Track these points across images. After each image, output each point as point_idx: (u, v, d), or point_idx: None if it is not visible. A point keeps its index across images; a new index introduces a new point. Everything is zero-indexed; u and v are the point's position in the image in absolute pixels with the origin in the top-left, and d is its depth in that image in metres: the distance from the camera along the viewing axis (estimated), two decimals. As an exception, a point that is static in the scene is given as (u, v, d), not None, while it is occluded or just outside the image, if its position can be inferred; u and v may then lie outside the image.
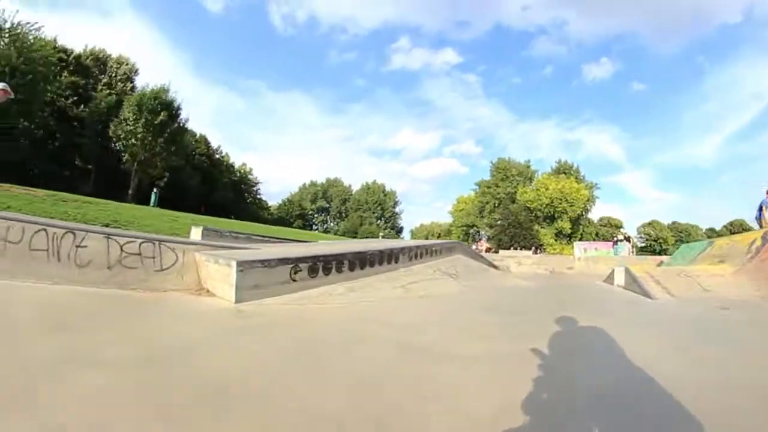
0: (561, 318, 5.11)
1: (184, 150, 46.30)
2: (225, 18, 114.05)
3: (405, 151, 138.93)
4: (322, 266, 6.14)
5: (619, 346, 3.89)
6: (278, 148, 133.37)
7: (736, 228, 79.06)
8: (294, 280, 5.67)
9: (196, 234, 9.98)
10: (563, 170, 70.24)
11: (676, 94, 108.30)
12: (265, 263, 5.37)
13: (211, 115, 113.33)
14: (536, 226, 61.85)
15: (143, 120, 38.27)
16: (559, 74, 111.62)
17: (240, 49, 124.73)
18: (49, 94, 34.14)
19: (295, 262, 5.75)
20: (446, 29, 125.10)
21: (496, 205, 68.54)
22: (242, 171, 75.70)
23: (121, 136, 38.94)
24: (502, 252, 35.68)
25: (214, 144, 66.83)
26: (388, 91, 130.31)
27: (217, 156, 67.23)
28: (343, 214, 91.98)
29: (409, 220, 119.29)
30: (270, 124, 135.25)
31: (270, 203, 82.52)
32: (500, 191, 70.07)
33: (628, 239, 31.82)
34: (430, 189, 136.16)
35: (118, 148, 40.18)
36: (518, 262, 25.75)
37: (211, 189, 58.28)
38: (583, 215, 66.03)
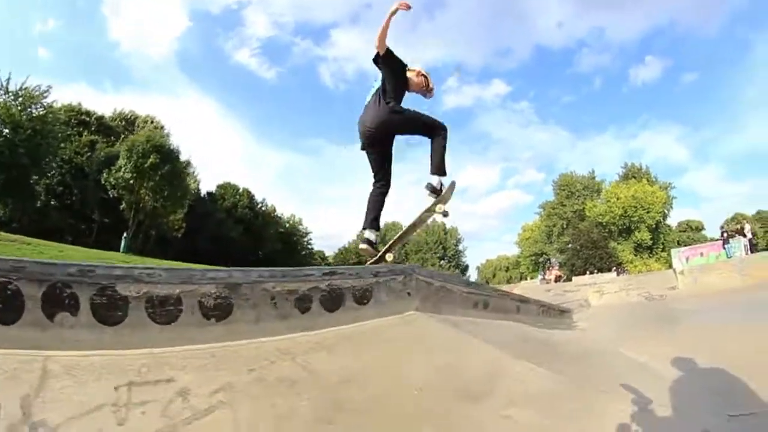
0: None
1: (185, 193, 46.00)
2: (279, 84, 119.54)
3: (469, 190, 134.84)
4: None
5: None
6: (346, 199, 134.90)
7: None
8: None
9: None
10: (632, 174, 63.44)
11: (732, 76, 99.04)
12: None
13: (275, 176, 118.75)
14: (612, 243, 55.45)
15: (132, 164, 38.60)
16: (607, 83, 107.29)
17: (297, 110, 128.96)
18: (66, 151, 38.86)
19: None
20: (490, 61, 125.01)
21: (565, 226, 62.67)
22: (291, 222, 75.05)
23: (113, 183, 39.53)
24: (576, 279, 31.08)
25: (258, 197, 67.25)
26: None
27: (262, 207, 67.34)
28: (405, 258, 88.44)
29: (478, 257, 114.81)
30: (334, 177, 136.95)
31: (327, 254, 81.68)
32: (567, 210, 64.20)
33: (742, 232, 25.60)
34: (497, 224, 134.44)
35: (112, 195, 40.97)
36: (599, 290, 20.99)
37: (255, 240, 58.47)
38: (661, 222, 58.85)
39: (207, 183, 64.46)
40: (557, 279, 31.46)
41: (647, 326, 9.05)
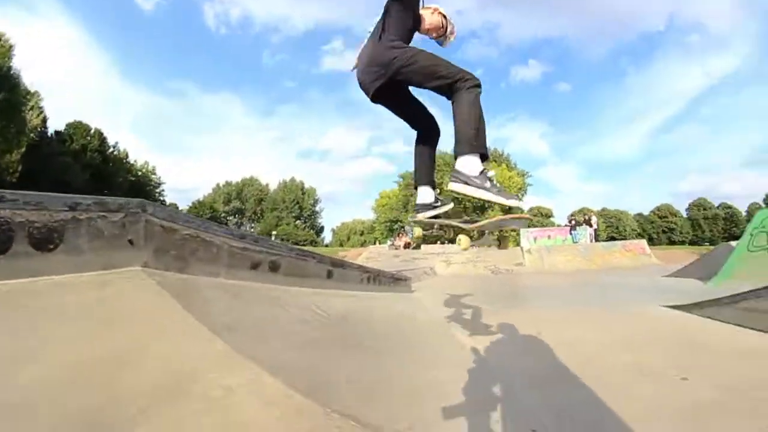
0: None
1: (22, 129, 38.35)
2: (156, 17, 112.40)
3: (334, 152, 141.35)
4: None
5: None
6: (207, 150, 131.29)
7: (663, 212, 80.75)
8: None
9: None
10: (494, 158, 66.39)
11: (600, 93, 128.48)
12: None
13: (134, 118, 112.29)
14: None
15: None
16: (489, 76, 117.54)
17: (170, 49, 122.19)
18: None
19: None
20: None
21: (422, 197, 63.44)
22: (144, 170, 66.67)
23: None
24: (425, 248, 30.37)
25: (111, 140, 60.36)
26: (319, 93, 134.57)
27: (114, 152, 60.21)
28: (259, 215, 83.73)
29: (335, 220, 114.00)
30: (199, 126, 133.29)
31: (181, 207, 75.92)
32: (426, 182, 64.93)
33: (589, 222, 26.73)
34: (358, 189, 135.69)
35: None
36: (447, 260, 19.95)
37: (102, 188, 50.99)
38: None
39: (55, 120, 57.54)
40: (407, 246, 30.35)
41: (489, 301, 7.83)
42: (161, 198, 69.34)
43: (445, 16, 3.29)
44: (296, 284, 3.89)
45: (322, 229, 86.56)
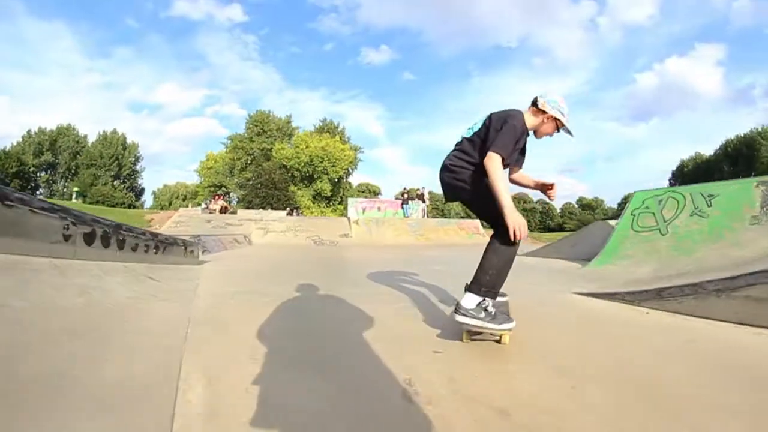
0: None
1: None
2: None
3: (165, 108, 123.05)
4: None
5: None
6: (20, 88, 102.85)
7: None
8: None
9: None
10: (327, 129, 64.27)
11: (442, 88, 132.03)
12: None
13: None
14: (293, 187, 54.59)
15: None
16: (338, 52, 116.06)
17: None
18: None
19: None
20: None
21: (249, 162, 58.83)
22: None
23: None
24: (241, 212, 26.87)
25: None
26: (161, 39, 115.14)
27: None
28: (74, 171, 69.49)
29: (157, 182, 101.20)
30: (22, 59, 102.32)
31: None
32: (254, 147, 60.00)
33: (422, 197, 25.80)
34: (187, 150, 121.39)
35: None
36: (264, 227, 17.18)
37: None
38: (344, 178, 61.63)
39: None
40: (223, 210, 26.53)
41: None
42: None
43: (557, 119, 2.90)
44: None
45: (142, 191, 75.55)
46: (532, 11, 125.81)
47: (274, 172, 51.31)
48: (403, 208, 23.64)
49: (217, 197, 30.11)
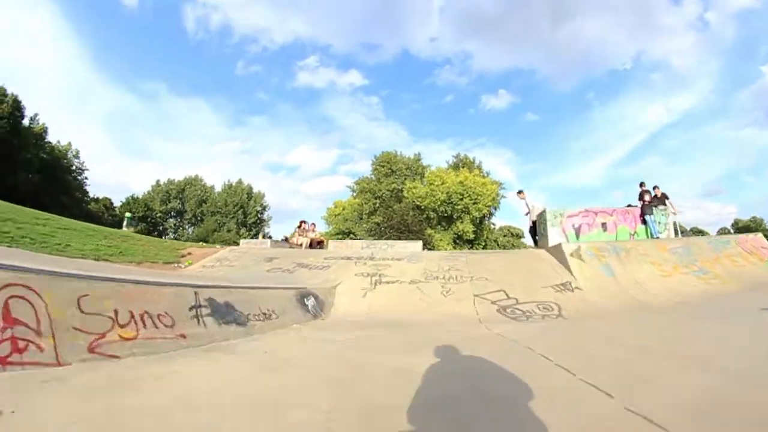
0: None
1: None
2: (137, 14, 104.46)
3: (301, 168, 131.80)
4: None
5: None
6: (174, 156, 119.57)
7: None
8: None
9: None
10: (463, 164, 55.11)
11: (566, 125, 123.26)
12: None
13: (104, 113, 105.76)
14: (429, 230, 45.43)
15: None
16: (458, 102, 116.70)
17: (147, 48, 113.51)
18: None
19: None
20: (355, 51, 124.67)
21: (378, 205, 51.41)
22: (59, 150, 54.35)
23: None
24: (336, 244, 18.50)
25: (30, 110, 48.01)
26: (290, 108, 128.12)
27: (31, 126, 48.11)
28: (199, 218, 70.98)
29: (286, 232, 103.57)
30: (167, 130, 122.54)
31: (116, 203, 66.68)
32: (383, 188, 52.80)
33: (663, 200, 14.14)
34: (318, 204, 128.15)
35: None
36: (373, 272, 7.97)
37: (5, 166, 40.16)
38: (486, 218, 51.03)
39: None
40: (317, 244, 17.16)
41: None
42: (83, 184, 57.84)
43: None
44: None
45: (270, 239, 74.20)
46: (636, 26, 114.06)
47: (406, 214, 43.07)
48: (645, 220, 12.58)
49: (305, 228, 18.55)
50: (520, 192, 14.51)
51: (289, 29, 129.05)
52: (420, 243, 19.76)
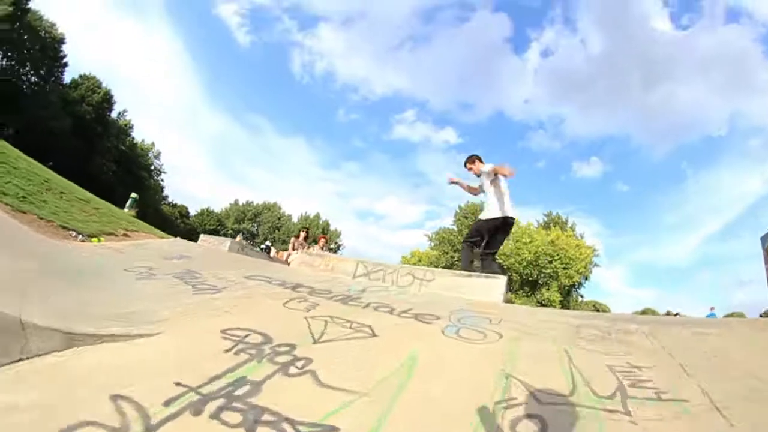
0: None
1: None
2: (250, 53, 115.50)
3: (387, 218, 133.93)
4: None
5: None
6: (270, 189, 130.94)
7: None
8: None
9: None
10: (555, 223, 49.15)
11: (658, 197, 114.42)
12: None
13: (210, 139, 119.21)
14: (509, 295, 39.38)
15: None
16: (550, 168, 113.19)
17: (256, 85, 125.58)
18: None
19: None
20: (450, 109, 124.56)
21: (456, 260, 46.41)
22: (141, 147, 59.06)
23: None
24: (342, 264, 10.33)
25: (120, 106, 53.62)
26: (385, 158, 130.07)
27: (118, 119, 53.48)
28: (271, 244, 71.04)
29: None
30: (267, 163, 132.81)
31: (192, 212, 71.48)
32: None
33: None
34: (398, 256, 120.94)
35: None
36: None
37: (85, 146, 43.98)
38: (576, 288, 44.05)
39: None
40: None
41: None
42: (160, 185, 63.99)
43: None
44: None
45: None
46: (730, 89, 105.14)
47: (485, 272, 37.44)
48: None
49: (303, 243, 12.36)
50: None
51: (388, 82, 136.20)
52: (502, 281, 9.38)
